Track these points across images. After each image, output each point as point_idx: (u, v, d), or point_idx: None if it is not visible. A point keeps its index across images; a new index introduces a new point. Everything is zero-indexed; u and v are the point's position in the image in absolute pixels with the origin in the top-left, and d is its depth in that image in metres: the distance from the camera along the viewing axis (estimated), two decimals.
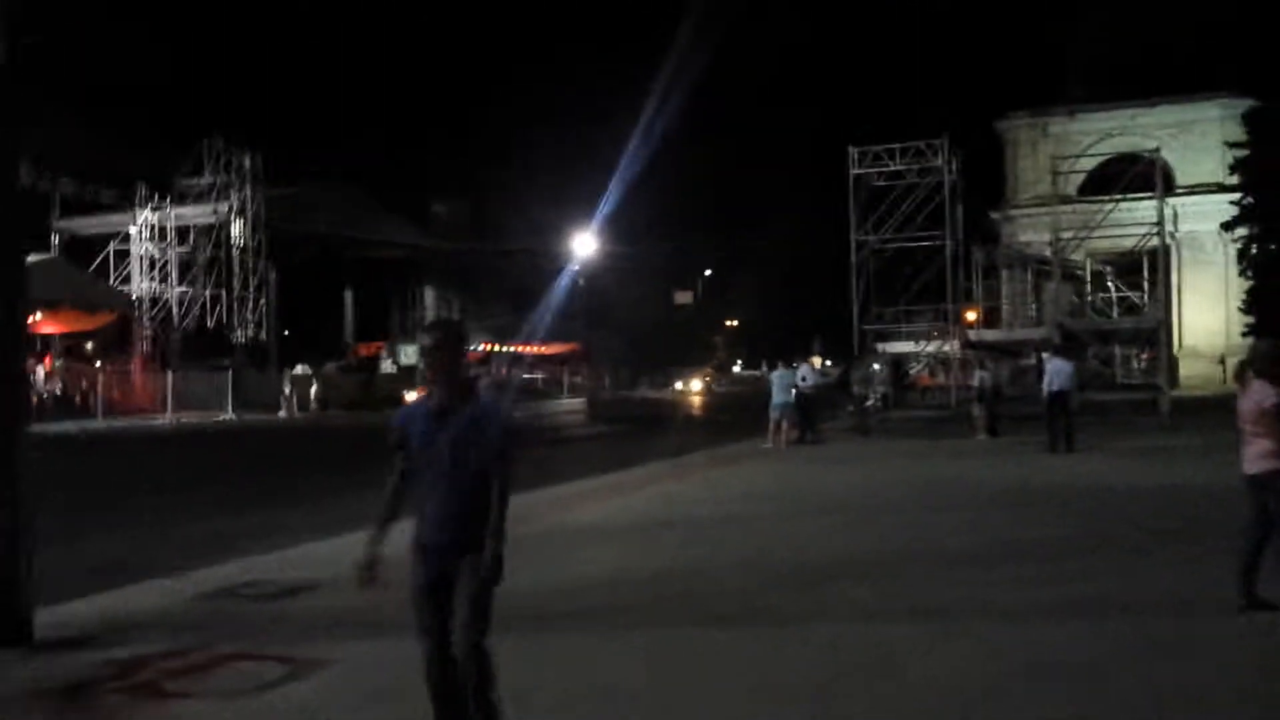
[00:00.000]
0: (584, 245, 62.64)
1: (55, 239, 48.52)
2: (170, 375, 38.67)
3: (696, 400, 53.83)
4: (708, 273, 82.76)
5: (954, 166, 36.29)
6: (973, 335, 38.97)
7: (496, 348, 66.75)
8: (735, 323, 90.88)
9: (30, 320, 38.87)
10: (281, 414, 39.38)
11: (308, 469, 20.01)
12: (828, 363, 58.00)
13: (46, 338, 44.85)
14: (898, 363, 37.73)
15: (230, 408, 38.73)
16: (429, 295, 62.02)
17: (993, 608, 6.67)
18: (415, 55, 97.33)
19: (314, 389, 41.93)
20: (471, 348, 59.77)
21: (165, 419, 36.06)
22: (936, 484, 13.54)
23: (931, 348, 38.27)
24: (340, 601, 6.93)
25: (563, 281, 62.37)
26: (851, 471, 15.36)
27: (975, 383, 21.90)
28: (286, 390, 40.04)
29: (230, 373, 40.35)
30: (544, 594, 7.11)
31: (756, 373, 31.98)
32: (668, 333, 70.55)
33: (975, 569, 7.88)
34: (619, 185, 56.96)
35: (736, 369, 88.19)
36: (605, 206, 57.88)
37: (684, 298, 72.13)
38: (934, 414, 30.53)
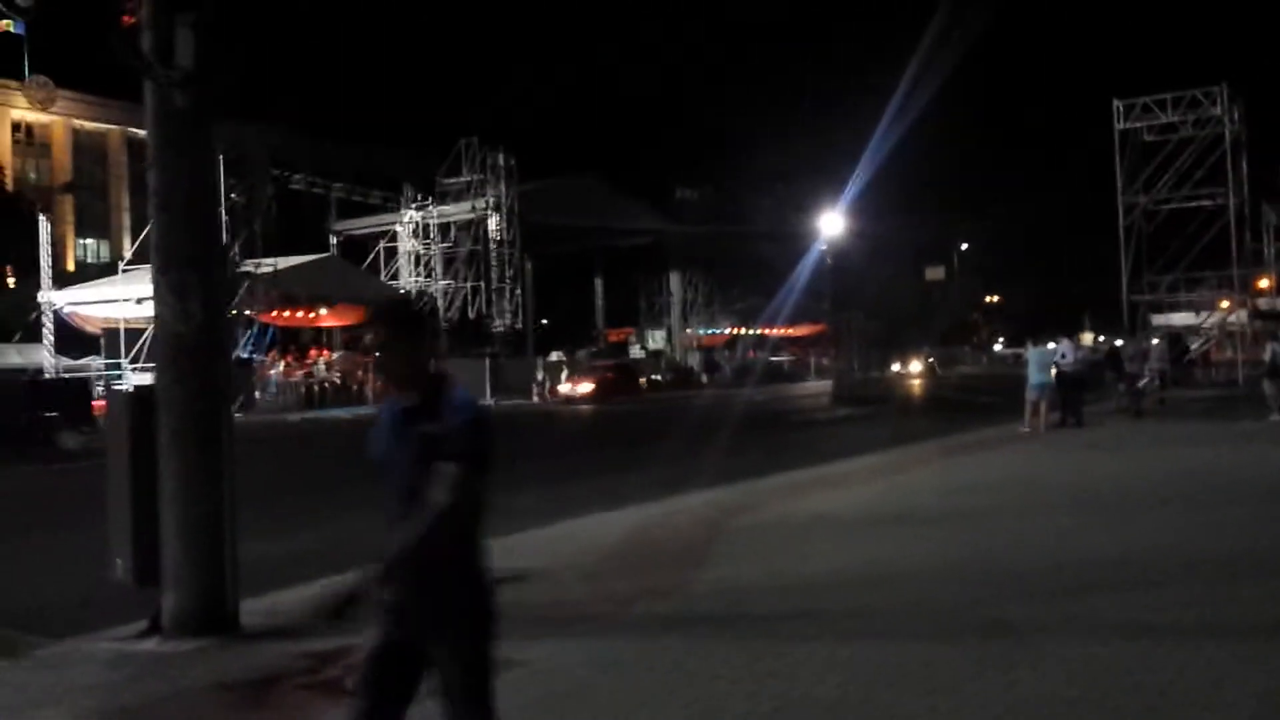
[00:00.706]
0: (831, 224, 61.17)
1: (333, 240, 52.47)
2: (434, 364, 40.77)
3: (922, 383, 51.17)
4: (964, 247, 79.03)
5: (1235, 115, 32.47)
6: (1263, 304, 34.97)
7: (743, 331, 66.54)
8: (996, 299, 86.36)
9: (311, 314, 42.11)
10: (535, 399, 40.73)
11: (547, 453, 20.32)
12: (1100, 339, 53.86)
13: (327, 331, 48.62)
14: (1176, 337, 34.31)
15: (489, 394, 40.43)
16: (674, 280, 62.51)
17: None
18: (658, 40, 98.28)
19: (564, 375, 43.08)
20: (715, 330, 59.58)
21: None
22: (1216, 473, 11.97)
23: (1215, 319, 34.63)
24: (546, 595, 6.74)
25: (809, 262, 61.22)
26: (1117, 459, 13.89)
27: (1267, 357, 19.41)
28: (539, 377, 41.33)
29: (488, 361, 42.11)
30: (761, 590, 6.65)
31: (1019, 350, 29.94)
32: (921, 311, 67.87)
33: (1261, 578, 6.71)
34: (868, 162, 55.24)
35: (998, 347, 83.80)
36: (854, 184, 56.30)
37: (935, 274, 69.02)
38: (1219, 393, 27.54)
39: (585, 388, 39.89)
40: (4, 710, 5.00)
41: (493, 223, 50.46)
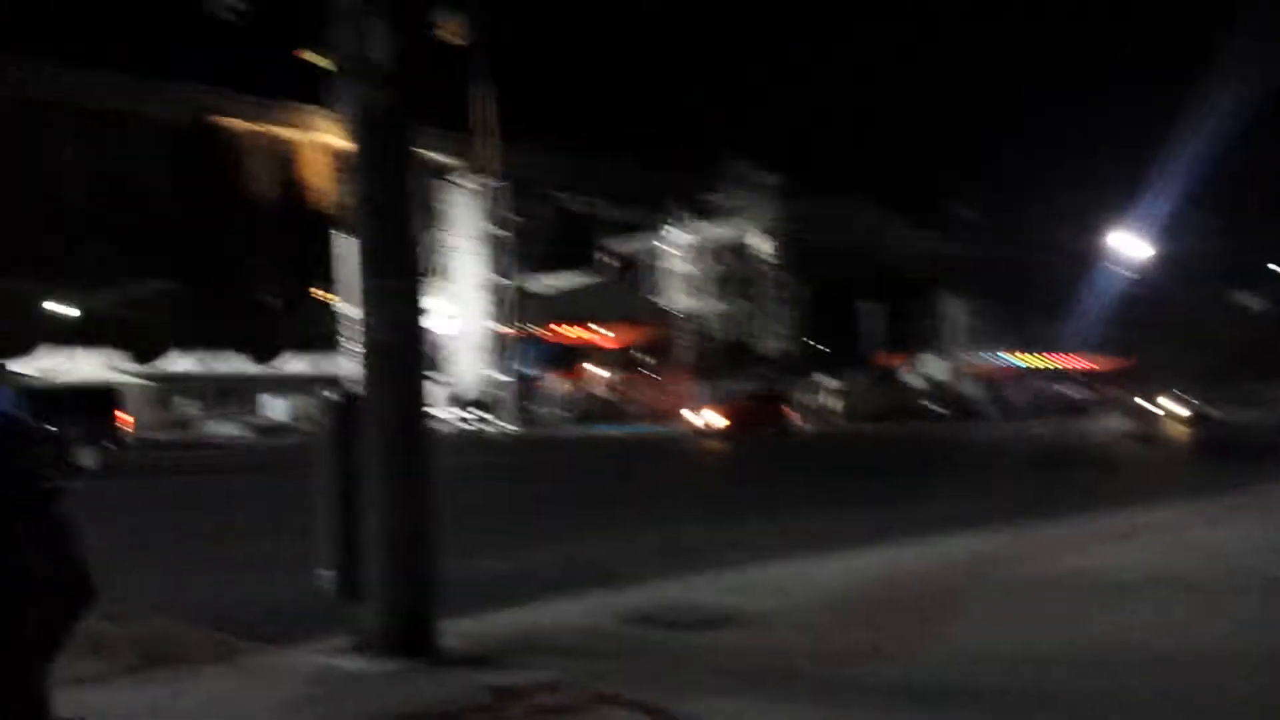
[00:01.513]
0: (1131, 246, 56.37)
1: (603, 258, 53.85)
2: (696, 385, 40.91)
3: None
4: None
5: None
6: None
7: (1030, 360, 62.53)
8: None
9: (587, 333, 43.42)
10: (805, 424, 39.88)
11: (801, 480, 19.58)
12: None
13: (601, 350, 49.96)
14: None
15: None
16: (952, 304, 59.74)
17: None
18: (935, 52, 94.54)
19: (825, 399, 41.97)
20: (999, 358, 56.19)
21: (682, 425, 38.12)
22: None
23: None
24: (752, 642, 6.08)
25: (1105, 287, 56.74)
26: None
27: None
28: (804, 400, 40.47)
29: (758, 384, 41.77)
30: (1003, 660, 5.68)
31: None
32: (1242, 343, 61.17)
33: None
34: (1174, 178, 50.51)
35: None
36: (1158, 203, 51.63)
37: (1249, 300, 61.96)
38: None
39: (719, 419, 34.01)
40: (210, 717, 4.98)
41: (762, 243, 50.15)
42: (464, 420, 34.63)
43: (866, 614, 6.89)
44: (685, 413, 35.92)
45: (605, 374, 46.37)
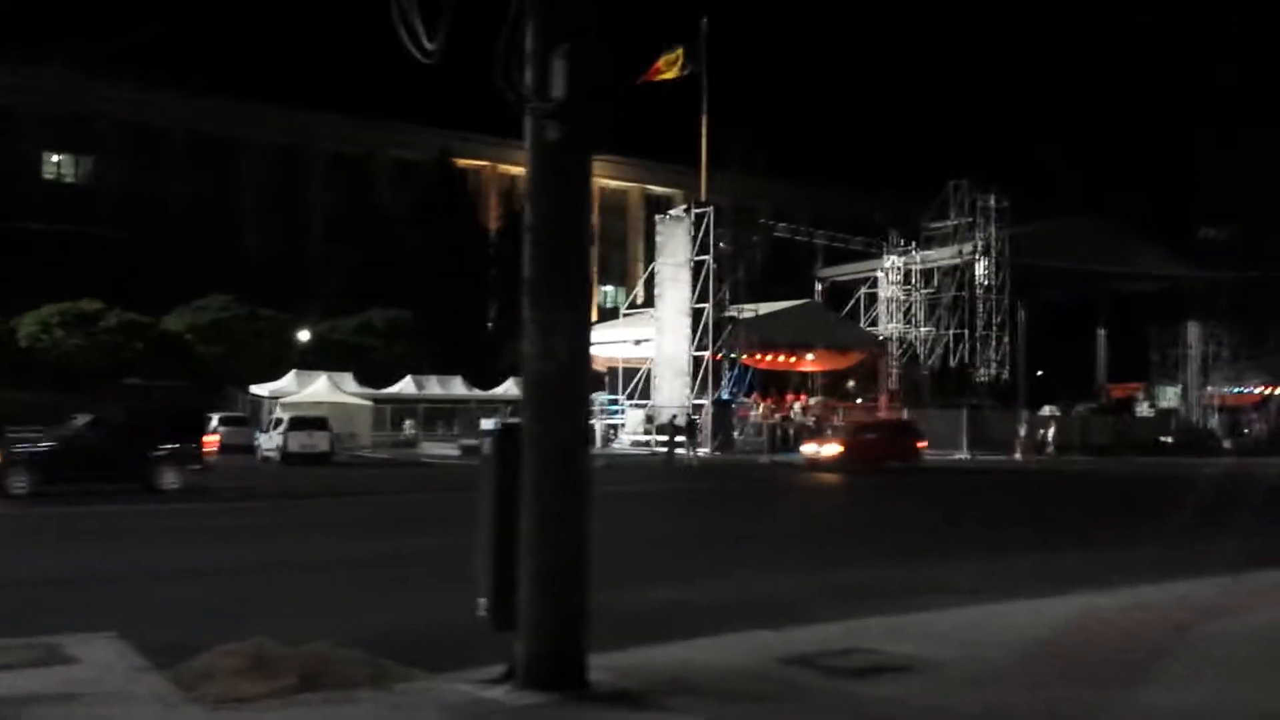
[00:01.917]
0: None
1: (818, 286, 53.17)
2: (904, 413, 39.66)
3: None
4: None
5: None
6: None
7: (1277, 390, 57.28)
8: None
9: (792, 359, 42.95)
10: (1016, 455, 37.97)
11: (1005, 518, 18.54)
12: None
13: (806, 375, 49.28)
14: None
15: (965, 446, 38.40)
16: (1192, 331, 55.45)
17: None
18: (1174, 60, 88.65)
19: (1050, 431, 39.78)
20: (1242, 389, 51.84)
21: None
22: None
23: None
24: (917, 696, 5.76)
25: None
26: None
27: None
28: (1022, 432, 38.53)
29: (965, 411, 40.08)
30: None
31: None
32: None
33: None
34: None
35: None
36: None
37: None
38: None
39: (832, 449, 30.78)
40: None
41: (980, 267, 48.17)
42: (660, 445, 34.86)
43: (1051, 670, 6.42)
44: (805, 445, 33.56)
45: (806, 400, 45.63)
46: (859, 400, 47.43)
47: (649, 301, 43.91)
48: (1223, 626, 7.60)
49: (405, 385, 45.80)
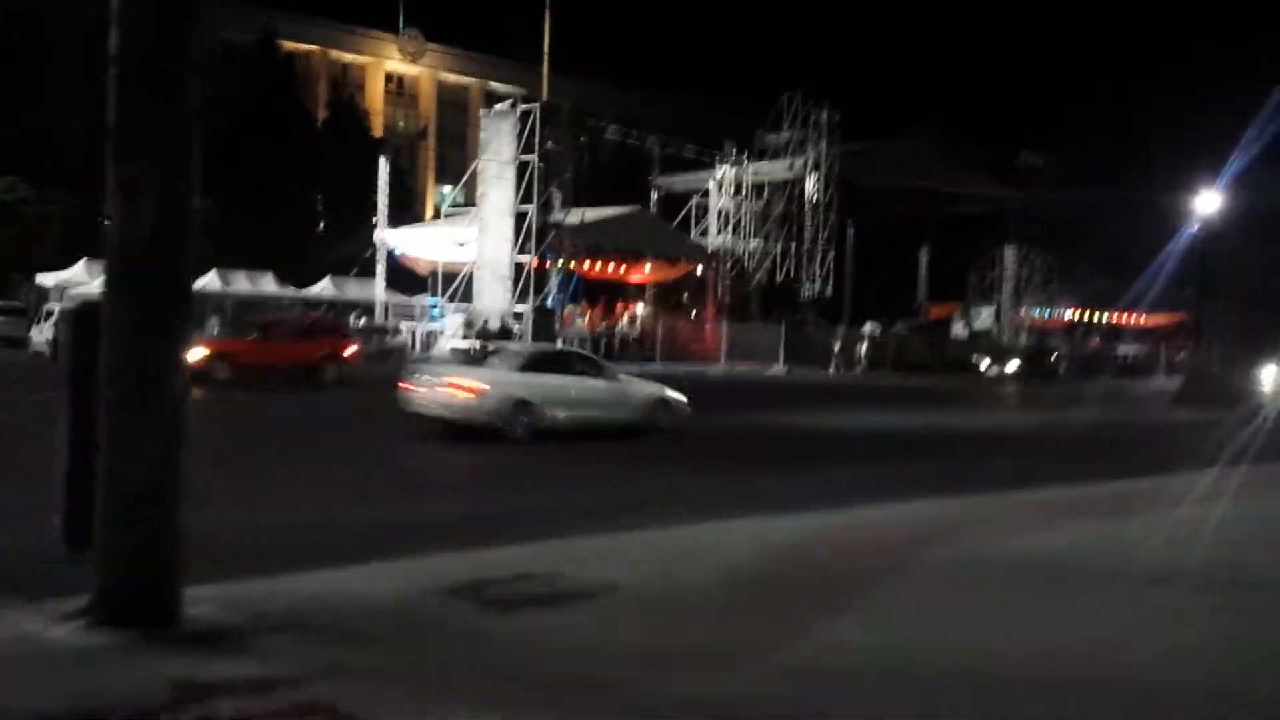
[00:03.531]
0: (1204, 202, 53.54)
1: (654, 195, 52.31)
2: (725, 326, 39.60)
3: None
4: None
5: None
6: None
7: (1087, 315, 60.05)
8: None
9: (621, 268, 42.16)
10: (831, 370, 38.52)
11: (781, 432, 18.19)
12: None
13: (634, 286, 48.69)
14: None
15: (782, 360, 38.68)
16: (1009, 254, 57.36)
17: None
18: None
19: (862, 347, 40.43)
20: (1054, 313, 54.02)
21: (718, 367, 36.96)
22: None
23: None
24: (592, 631, 5.01)
25: (1174, 243, 54.05)
26: None
27: None
28: (836, 347, 39.02)
29: (783, 325, 40.32)
30: (877, 676, 4.56)
31: None
32: None
33: None
34: (1255, 133, 47.63)
35: None
36: (1236, 159, 48.81)
37: None
38: None
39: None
40: None
41: (809, 183, 48.25)
42: (475, 351, 33.74)
43: (748, 598, 5.81)
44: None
45: (634, 310, 45.10)
46: (693, 312, 47.25)
47: (473, 201, 42.22)
48: (950, 550, 7.18)
49: (209, 280, 42.94)
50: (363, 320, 40.58)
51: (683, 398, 15.31)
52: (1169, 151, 55.68)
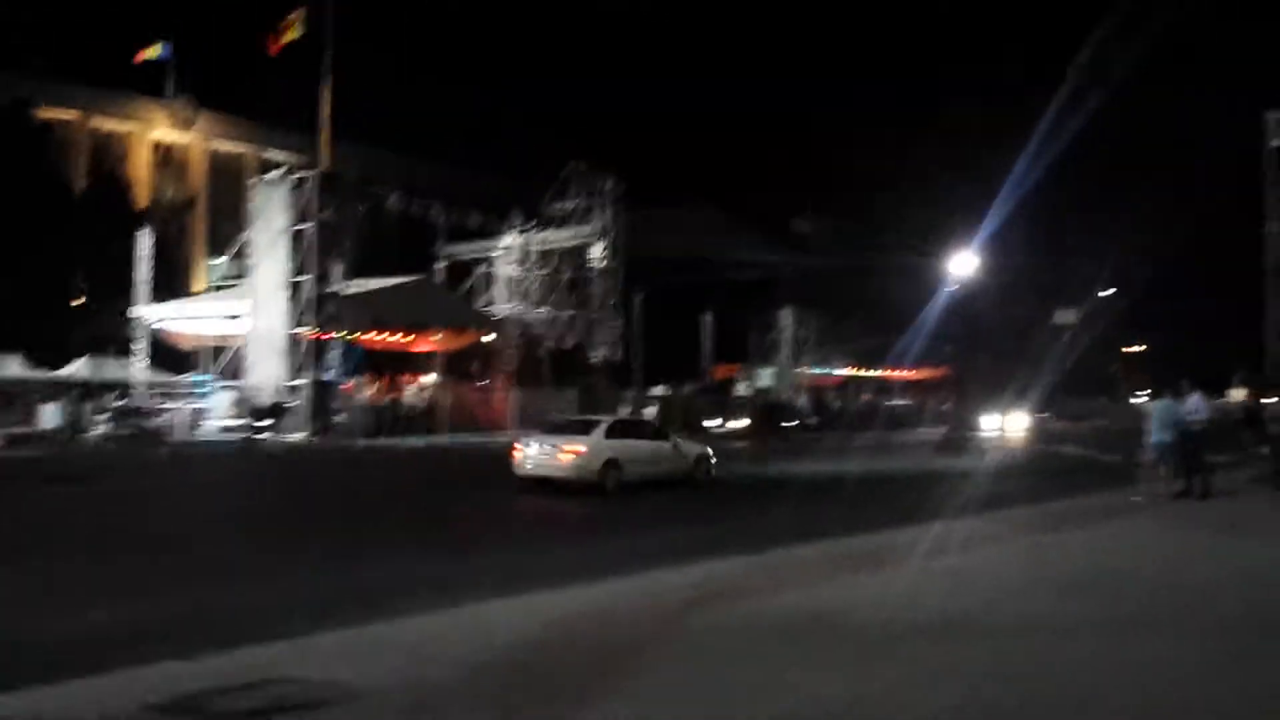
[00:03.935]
0: (962, 264, 57.63)
1: (440, 265, 51.56)
2: (512, 394, 39.26)
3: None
4: (1108, 292, 73.76)
5: None
6: None
7: (859, 371, 63.23)
8: (1141, 348, 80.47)
9: (407, 338, 41.05)
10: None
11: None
12: (1232, 395, 49.55)
13: (422, 356, 47.66)
14: None
15: None
16: (785, 316, 59.84)
17: None
18: (781, 68, 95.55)
19: (653, 410, 40.86)
20: (828, 371, 56.41)
21: (507, 434, 36.42)
22: None
23: None
24: None
25: (935, 302, 57.75)
26: (1253, 546, 10.90)
27: None
28: (624, 411, 39.30)
29: (577, 391, 40.36)
30: None
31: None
32: (1050, 358, 63.26)
33: None
34: (1005, 201, 51.90)
35: (1139, 399, 77.69)
36: (988, 225, 52.85)
37: (1066, 318, 64.13)
38: None
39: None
40: None
41: (596, 250, 48.84)
42: (253, 430, 31.99)
43: (499, 684, 5.45)
44: None
45: (421, 381, 44.10)
46: (482, 381, 46.58)
47: (245, 273, 40.38)
48: (718, 616, 7.05)
49: None
50: (123, 401, 37.87)
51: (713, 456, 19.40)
52: (926, 215, 59.86)
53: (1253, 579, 8.94)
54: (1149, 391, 16.78)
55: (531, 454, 17.06)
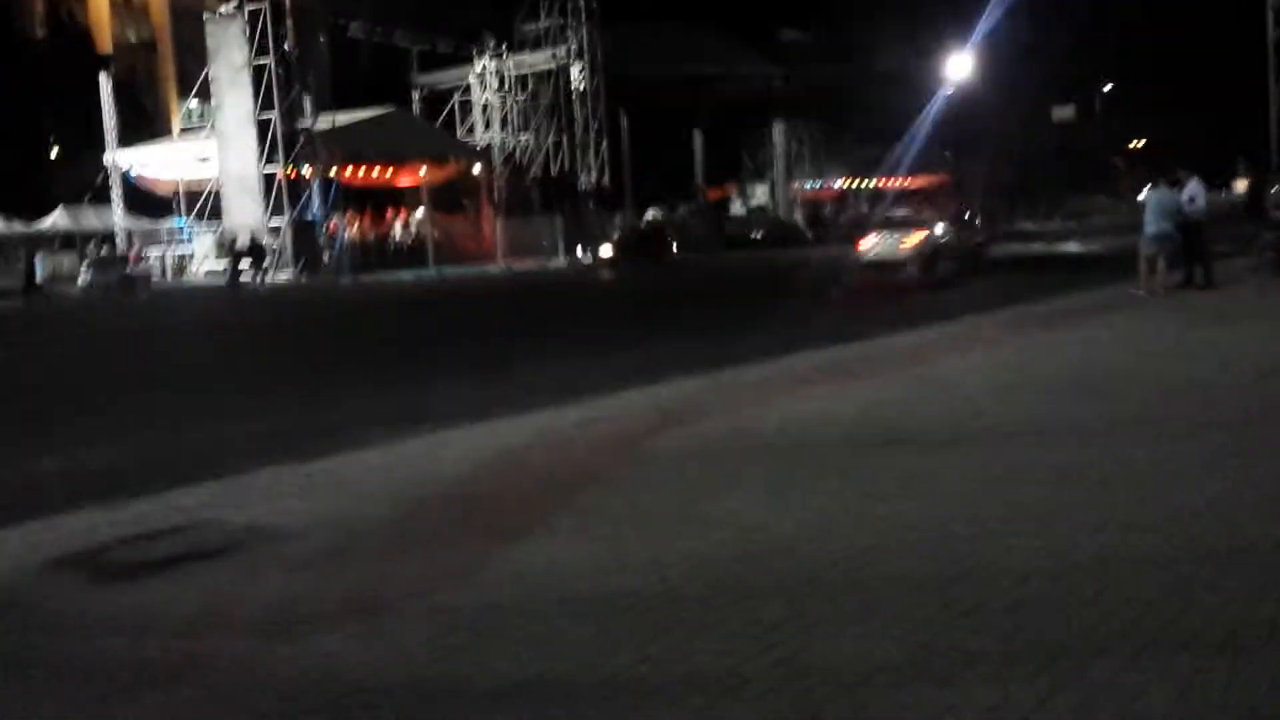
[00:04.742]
0: (957, 67, 55.49)
1: (415, 95, 49.62)
2: (499, 223, 38.43)
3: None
4: (1107, 87, 71.50)
5: None
6: None
7: (855, 183, 61.86)
8: (1141, 142, 78.64)
9: (387, 173, 39.99)
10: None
11: (544, 324, 17.50)
12: (1237, 185, 48.49)
13: (406, 191, 46.44)
14: None
15: (562, 254, 37.92)
16: (777, 131, 58.11)
17: None
18: None
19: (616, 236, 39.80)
20: (824, 184, 55.40)
21: (497, 266, 35.85)
22: None
23: None
24: (214, 596, 4.08)
25: (930, 108, 55.92)
26: (1254, 334, 10.40)
27: None
28: (615, 236, 38.49)
29: (559, 219, 39.49)
30: (567, 601, 3.85)
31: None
32: (1053, 157, 61.86)
33: None
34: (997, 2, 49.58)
35: (1142, 196, 76.27)
36: (982, 24, 50.60)
37: (1064, 114, 62.23)
38: None
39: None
40: None
41: (574, 72, 46.91)
42: (235, 271, 31.37)
43: (430, 522, 5.02)
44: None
45: (407, 215, 43.15)
46: (471, 213, 45.55)
47: (206, 114, 38.94)
48: (676, 437, 6.59)
49: None
50: (103, 250, 37.14)
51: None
52: (917, 19, 57.28)
53: (1257, 362, 8.47)
54: (1148, 184, 15.97)
55: (873, 244, 20.77)
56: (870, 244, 20.96)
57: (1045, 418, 6.70)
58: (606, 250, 33.76)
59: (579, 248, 37.57)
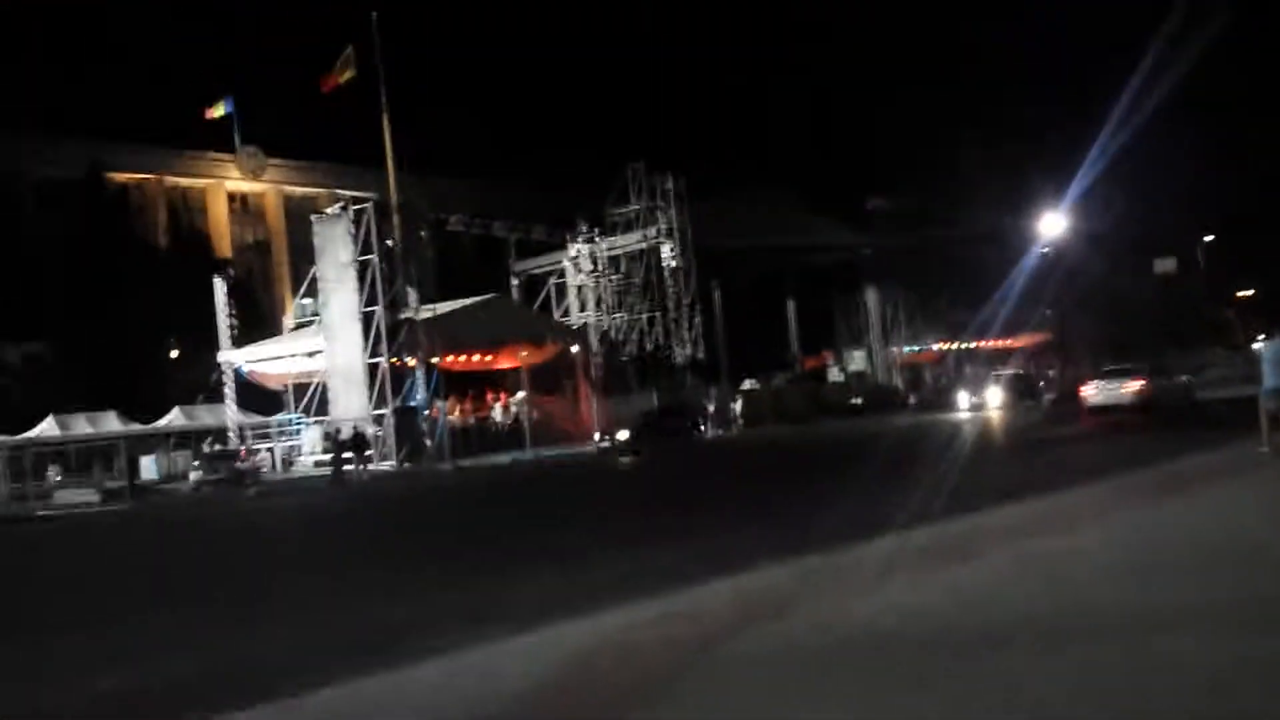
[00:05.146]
0: (1050, 225, 55.22)
1: (514, 282, 51.25)
2: (595, 403, 38.65)
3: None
4: (1208, 238, 70.12)
5: None
6: None
7: (953, 345, 61.12)
8: (1250, 292, 76.26)
9: (486, 358, 40.80)
10: (708, 433, 37.78)
11: (648, 509, 17.12)
12: None
13: (506, 373, 47.34)
14: None
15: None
16: (871, 296, 58.12)
17: None
18: (842, 38, 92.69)
19: (737, 405, 39.94)
20: (921, 347, 54.69)
21: (590, 445, 35.86)
22: None
23: None
24: None
25: (1025, 265, 55.44)
26: None
27: None
28: (710, 408, 38.40)
29: (655, 395, 39.58)
30: None
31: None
32: (1156, 310, 60.28)
33: None
34: (1091, 161, 49.60)
35: (1257, 345, 73.29)
36: (1076, 184, 50.53)
37: (1165, 267, 60.90)
38: None
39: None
40: None
41: (665, 250, 48.04)
42: (338, 462, 31.89)
43: None
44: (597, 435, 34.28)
45: (506, 399, 43.81)
46: (559, 393, 46.10)
47: (314, 309, 40.67)
48: (756, 638, 6.10)
49: (46, 427, 40.21)
50: (214, 446, 38.38)
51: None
52: (1006, 180, 57.45)
53: None
54: (1263, 335, 15.12)
55: (1095, 391, 26.99)
56: (1093, 390, 27.03)
57: (1163, 609, 6.02)
58: (623, 434, 34.13)
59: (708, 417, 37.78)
